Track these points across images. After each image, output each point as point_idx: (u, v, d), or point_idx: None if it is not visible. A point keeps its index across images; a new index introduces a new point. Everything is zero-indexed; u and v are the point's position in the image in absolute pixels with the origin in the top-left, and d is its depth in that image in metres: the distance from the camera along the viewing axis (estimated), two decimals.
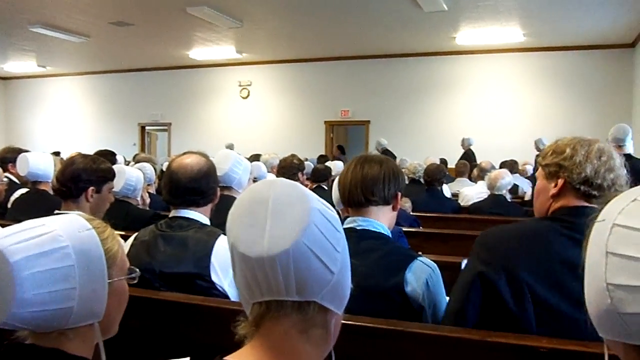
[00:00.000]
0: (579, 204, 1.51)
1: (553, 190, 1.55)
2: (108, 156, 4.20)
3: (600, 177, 1.48)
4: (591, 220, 0.78)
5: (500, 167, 6.34)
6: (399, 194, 1.78)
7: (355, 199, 1.74)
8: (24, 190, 3.66)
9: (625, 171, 1.53)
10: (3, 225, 1.42)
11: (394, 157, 9.05)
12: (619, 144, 4.52)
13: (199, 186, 1.98)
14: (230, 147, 11.42)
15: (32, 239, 1.03)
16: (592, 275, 0.71)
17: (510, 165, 6.78)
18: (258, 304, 0.87)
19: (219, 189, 2.11)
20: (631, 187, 0.86)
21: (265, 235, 0.83)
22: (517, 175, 6.78)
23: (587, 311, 0.73)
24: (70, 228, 1.08)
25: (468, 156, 9.09)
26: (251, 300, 0.88)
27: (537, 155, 7.46)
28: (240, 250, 0.85)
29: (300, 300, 0.85)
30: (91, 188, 2.29)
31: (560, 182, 1.53)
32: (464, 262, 1.70)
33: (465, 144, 10.04)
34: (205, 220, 2.01)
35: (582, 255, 0.77)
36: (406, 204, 4.13)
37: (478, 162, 6.30)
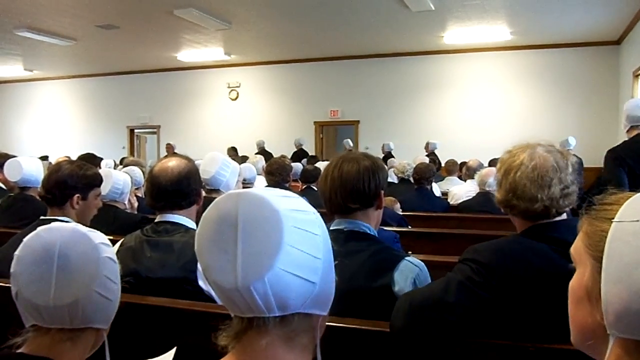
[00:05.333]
0: (529, 225, 1.52)
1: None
2: (91, 159, 4.16)
3: (538, 200, 1.46)
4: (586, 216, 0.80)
5: (490, 165, 6.35)
6: (382, 192, 1.75)
7: (337, 206, 1.71)
8: (10, 195, 3.61)
9: (569, 172, 1.49)
10: None
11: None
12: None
13: (180, 188, 1.97)
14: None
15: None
16: (625, 274, 0.70)
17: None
18: (239, 318, 0.85)
19: (202, 190, 2.11)
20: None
21: (238, 264, 0.78)
22: None
23: (603, 309, 0.72)
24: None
25: (432, 160, 9.10)
26: (232, 313, 0.86)
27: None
28: (213, 279, 0.82)
29: (283, 314, 0.82)
30: (77, 195, 2.25)
31: (510, 214, 1.57)
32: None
33: (430, 147, 10.13)
34: (191, 224, 2.00)
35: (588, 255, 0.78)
36: (396, 204, 4.13)
37: (468, 160, 6.29)
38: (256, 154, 9.81)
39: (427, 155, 9.64)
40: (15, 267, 1.10)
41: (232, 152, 11.05)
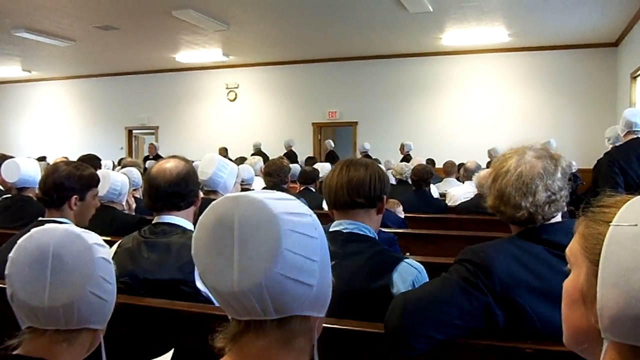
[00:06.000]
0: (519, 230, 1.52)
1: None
2: (92, 161, 4.15)
3: (522, 208, 1.46)
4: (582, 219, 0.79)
5: (488, 167, 6.35)
6: (384, 196, 1.79)
7: (342, 201, 1.73)
8: (7, 196, 3.60)
9: (557, 179, 1.47)
10: None
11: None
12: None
13: (178, 189, 1.98)
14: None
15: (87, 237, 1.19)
16: (621, 279, 0.69)
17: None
18: (236, 320, 0.85)
19: (200, 191, 2.11)
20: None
21: (235, 268, 0.78)
22: None
23: (598, 313, 0.71)
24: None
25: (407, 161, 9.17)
26: (229, 315, 0.86)
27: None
28: (210, 283, 0.82)
29: (280, 317, 0.82)
30: (74, 197, 2.23)
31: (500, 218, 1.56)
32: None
33: (405, 149, 10.28)
34: (189, 225, 2.00)
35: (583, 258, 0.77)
36: (398, 207, 4.12)
37: (466, 162, 6.30)
38: (252, 155, 9.84)
39: (403, 157, 9.72)
40: (9, 268, 1.10)
41: (223, 152, 11.09)
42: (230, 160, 3.45)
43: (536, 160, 1.50)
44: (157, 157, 9.89)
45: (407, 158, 9.65)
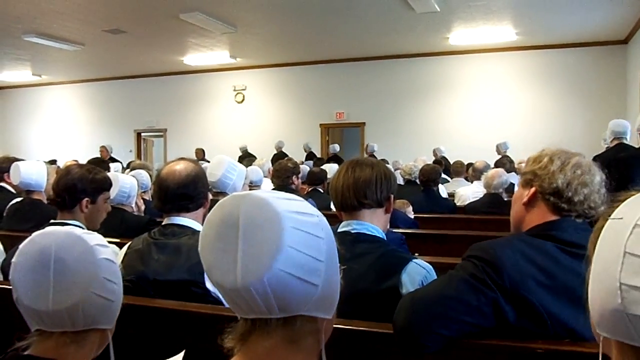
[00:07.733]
0: (552, 218, 1.49)
1: (524, 199, 1.54)
2: (100, 164, 4.19)
3: (571, 189, 1.46)
4: (601, 215, 0.78)
5: (496, 166, 6.34)
6: (392, 196, 1.78)
7: (348, 202, 1.73)
8: (18, 200, 3.65)
9: (605, 190, 1.49)
10: None
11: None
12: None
13: (187, 191, 1.99)
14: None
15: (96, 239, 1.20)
16: (602, 272, 0.69)
17: (506, 164, 6.78)
18: (244, 319, 0.86)
19: (209, 193, 2.12)
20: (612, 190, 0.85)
21: (238, 264, 0.80)
22: (513, 174, 6.75)
23: (588, 307, 0.72)
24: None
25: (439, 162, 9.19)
26: (237, 314, 0.87)
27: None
28: (215, 279, 0.83)
29: (286, 316, 0.83)
30: (86, 199, 2.26)
31: (532, 190, 1.53)
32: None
33: (368, 150, 10.52)
34: (199, 227, 2.00)
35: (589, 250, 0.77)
36: (408, 207, 4.11)
37: (473, 162, 6.28)
38: (240, 157, 9.91)
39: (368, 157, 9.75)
40: (13, 274, 1.09)
41: (200, 153, 11.21)
42: (207, 161, 3.48)
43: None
44: (111, 160, 9.75)
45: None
